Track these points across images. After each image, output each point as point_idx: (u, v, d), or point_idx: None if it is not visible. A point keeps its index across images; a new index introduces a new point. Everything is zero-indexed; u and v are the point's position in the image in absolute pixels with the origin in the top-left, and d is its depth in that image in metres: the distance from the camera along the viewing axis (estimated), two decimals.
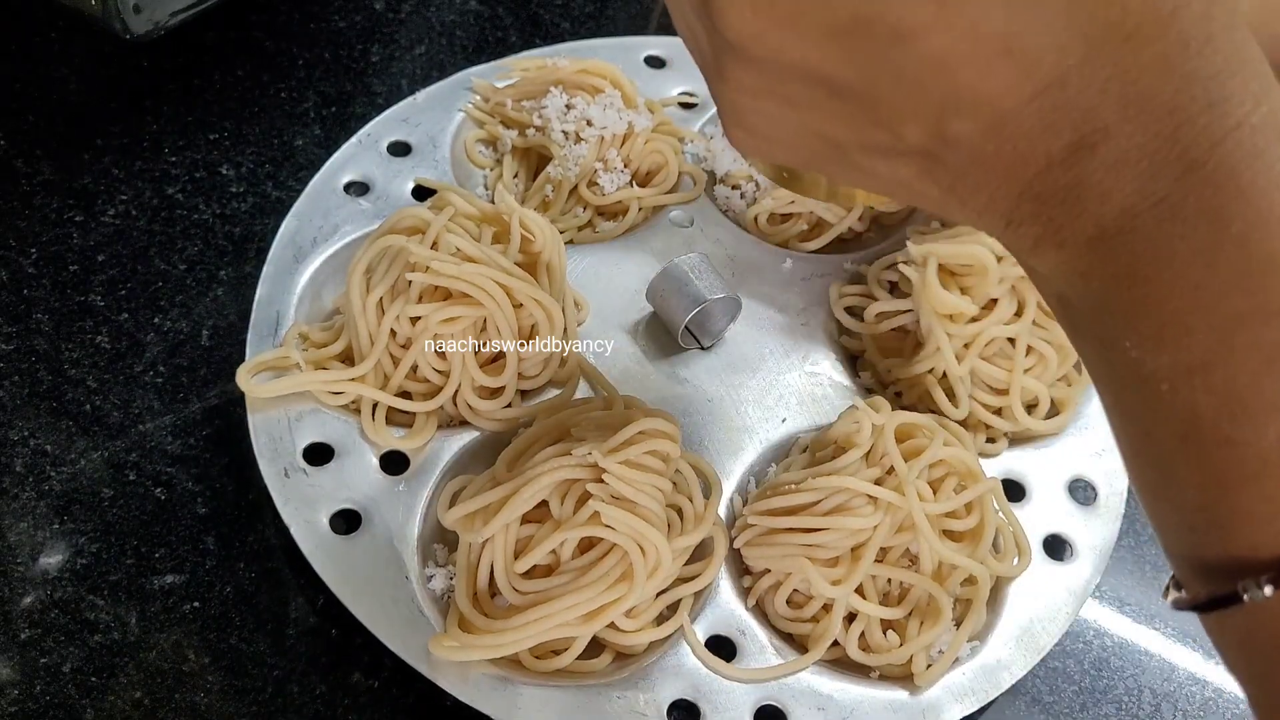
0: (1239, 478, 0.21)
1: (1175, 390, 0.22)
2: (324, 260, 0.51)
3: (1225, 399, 0.21)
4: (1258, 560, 0.21)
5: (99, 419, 0.48)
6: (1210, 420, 0.21)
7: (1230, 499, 0.22)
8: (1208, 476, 0.22)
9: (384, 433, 0.46)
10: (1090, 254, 0.22)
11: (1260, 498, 0.21)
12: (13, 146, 0.57)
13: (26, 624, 0.42)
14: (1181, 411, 0.22)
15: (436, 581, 0.42)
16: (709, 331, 0.53)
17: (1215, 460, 0.21)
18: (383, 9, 0.68)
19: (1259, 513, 0.21)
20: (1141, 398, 0.22)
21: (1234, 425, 0.21)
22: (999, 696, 0.44)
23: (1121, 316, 0.22)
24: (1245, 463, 0.21)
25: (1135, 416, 0.23)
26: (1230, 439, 0.21)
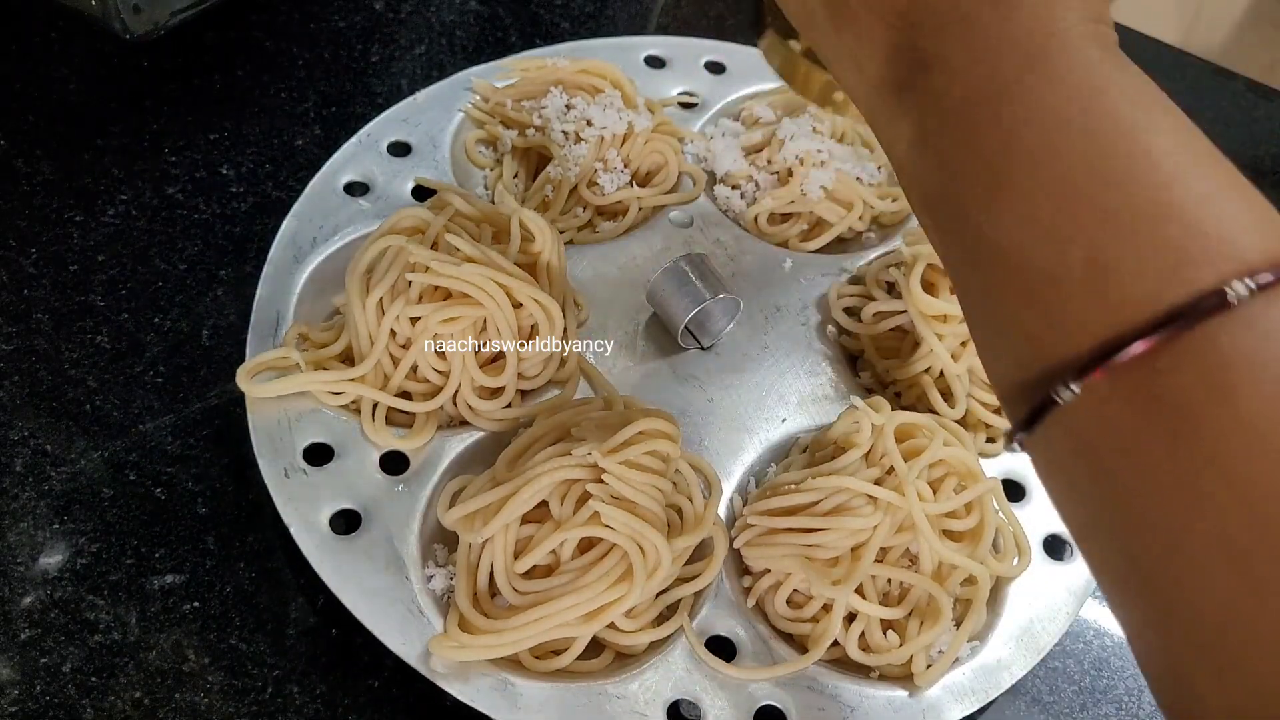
0: (1056, 299, 0.25)
1: (1005, 235, 0.25)
2: (324, 260, 0.51)
3: (1045, 236, 0.25)
4: (1068, 365, 0.25)
5: (99, 419, 0.48)
6: (1033, 256, 0.25)
7: (1047, 320, 0.25)
8: (1031, 306, 0.25)
9: (384, 433, 0.46)
10: (940, 133, 0.27)
11: (1071, 314, 0.24)
12: (13, 146, 0.57)
13: (26, 624, 0.42)
14: (1007, 252, 0.25)
15: (436, 581, 0.43)
16: (709, 332, 0.53)
17: (1037, 289, 0.25)
18: (383, 9, 0.68)
19: (1069, 328, 0.25)
20: (977, 251, 0.26)
21: (1050, 256, 0.25)
22: (999, 696, 0.44)
23: (963, 181, 0.26)
24: (1060, 286, 0.25)
25: (976, 270, 0.27)
26: (1047, 269, 0.25)
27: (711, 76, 0.64)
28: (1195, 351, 0.23)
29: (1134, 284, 0.24)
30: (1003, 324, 0.26)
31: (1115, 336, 0.24)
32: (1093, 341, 0.24)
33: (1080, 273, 0.24)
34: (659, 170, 0.58)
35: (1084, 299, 0.24)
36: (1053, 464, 0.27)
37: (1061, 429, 0.25)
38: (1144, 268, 0.24)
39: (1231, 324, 0.23)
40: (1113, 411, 0.24)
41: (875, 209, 0.58)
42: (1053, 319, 0.25)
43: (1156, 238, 0.24)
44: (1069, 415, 0.25)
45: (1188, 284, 0.23)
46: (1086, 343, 0.24)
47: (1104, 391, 0.24)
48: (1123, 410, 0.24)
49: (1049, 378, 0.25)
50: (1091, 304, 0.24)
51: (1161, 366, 0.23)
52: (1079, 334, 0.24)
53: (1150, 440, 0.23)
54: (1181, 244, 0.24)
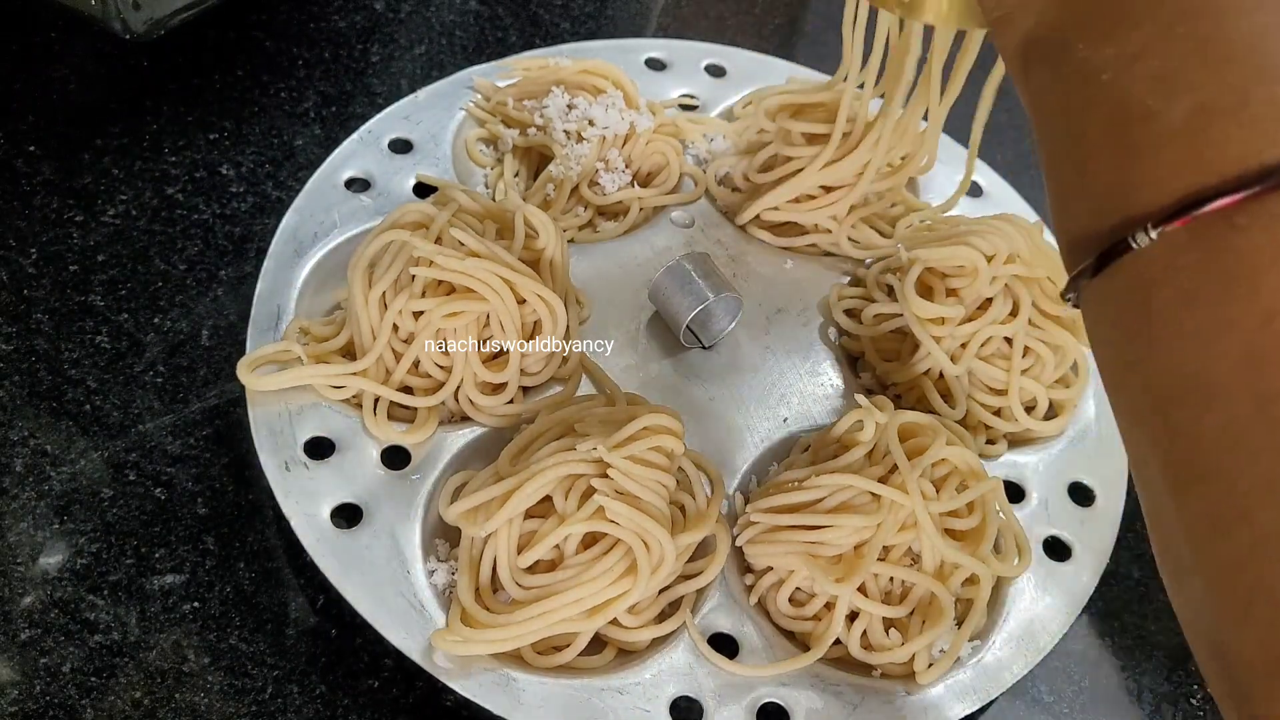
0: (1152, 145, 0.25)
1: (1115, 78, 0.26)
2: (325, 255, 0.51)
3: (1155, 80, 0.25)
4: (1148, 213, 0.25)
5: (99, 419, 0.48)
6: (1139, 98, 0.25)
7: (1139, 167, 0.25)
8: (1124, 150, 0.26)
9: (385, 427, 0.46)
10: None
11: (1163, 163, 0.25)
12: (13, 146, 0.57)
13: (26, 624, 0.42)
14: (1117, 95, 0.26)
15: (438, 576, 0.42)
16: (711, 331, 0.53)
17: (1134, 133, 0.25)
18: (383, 9, 0.68)
19: (1158, 176, 0.25)
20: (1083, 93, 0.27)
21: (1156, 99, 0.25)
22: (1000, 696, 0.44)
23: (1078, 22, 0.27)
24: (1159, 133, 0.25)
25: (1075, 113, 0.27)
26: (1150, 112, 0.25)
27: (712, 79, 0.65)
28: (1274, 212, 0.23)
29: (1234, 138, 0.24)
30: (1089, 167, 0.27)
31: (1203, 188, 0.24)
32: (1181, 190, 0.24)
33: (1183, 120, 0.24)
34: (660, 171, 0.58)
35: (1181, 147, 0.24)
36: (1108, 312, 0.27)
37: (1128, 276, 0.26)
38: (1246, 123, 0.24)
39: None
40: (1184, 261, 0.24)
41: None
42: (1144, 164, 0.25)
43: (1267, 96, 0.24)
44: (1139, 262, 0.25)
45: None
46: (1174, 191, 0.24)
47: (1181, 240, 0.24)
48: (1193, 261, 0.24)
49: (1127, 224, 0.25)
50: (1188, 153, 0.24)
51: (1239, 223, 0.23)
52: (1169, 181, 0.24)
53: (1214, 291, 0.24)
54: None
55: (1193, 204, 0.24)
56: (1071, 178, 0.27)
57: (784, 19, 0.76)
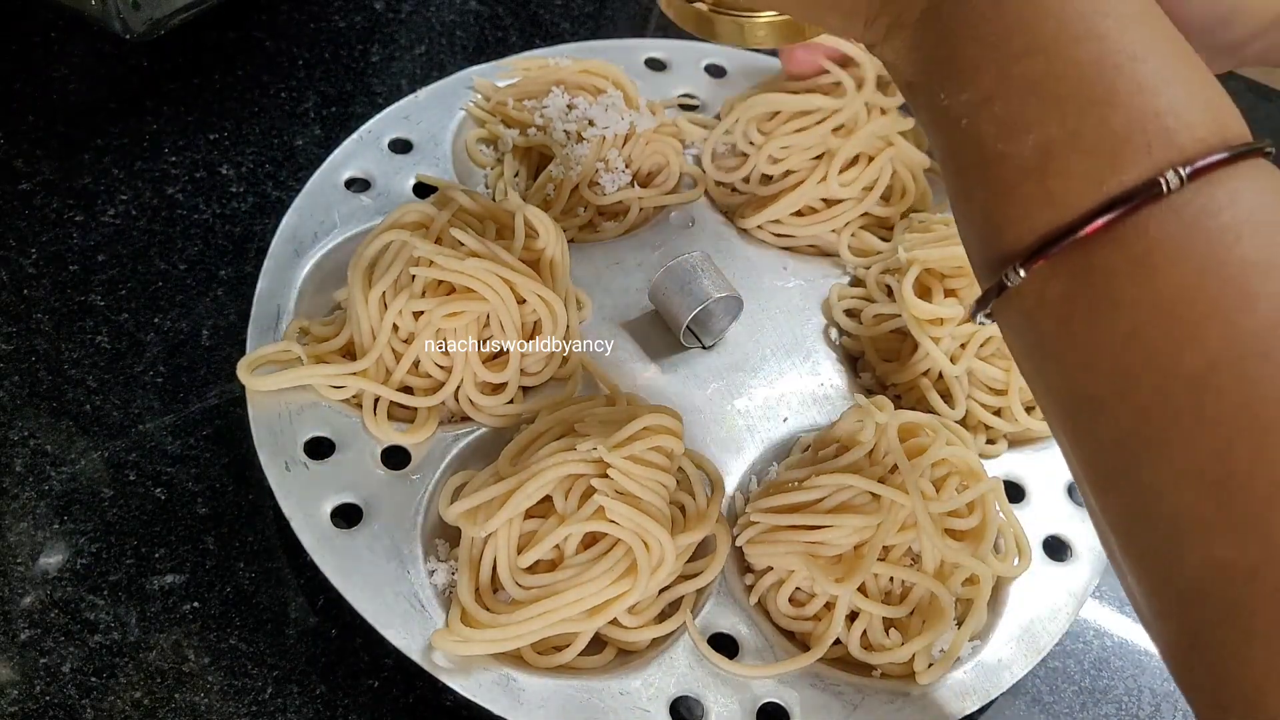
0: (1008, 186, 0.26)
1: (970, 123, 0.27)
2: (325, 255, 0.51)
3: (1000, 122, 0.26)
4: (1016, 251, 0.26)
5: (99, 419, 0.48)
6: (991, 141, 0.26)
7: (1002, 206, 0.27)
8: (989, 191, 0.27)
9: (385, 427, 0.46)
10: (921, 28, 0.29)
11: (1019, 200, 0.26)
12: (13, 146, 0.57)
13: (26, 624, 0.42)
14: (973, 139, 0.27)
15: (438, 576, 0.42)
16: (711, 331, 0.53)
17: (992, 175, 0.27)
18: (383, 9, 0.68)
19: (1017, 214, 0.26)
20: (951, 137, 0.28)
21: (1005, 142, 0.26)
22: (999, 696, 0.44)
23: (939, 72, 0.28)
24: (1012, 173, 0.26)
25: (949, 156, 0.28)
26: (1002, 154, 0.26)
27: (711, 79, 0.65)
28: (1126, 238, 0.24)
29: (1075, 171, 0.25)
30: (967, 206, 0.28)
31: (1058, 226, 0.25)
32: (1039, 229, 0.26)
33: (1031, 160, 0.26)
34: (660, 171, 0.58)
35: (1032, 186, 0.26)
36: (1010, 337, 0.29)
37: (1013, 305, 0.27)
38: (1087, 157, 0.25)
39: (1161, 211, 0.24)
40: (1052, 291, 0.26)
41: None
42: (1005, 204, 0.26)
43: (1101, 126, 0.25)
44: (1018, 296, 0.27)
45: (1126, 173, 0.24)
46: (1033, 230, 0.26)
47: (1046, 274, 0.26)
48: (1060, 289, 0.26)
49: (1001, 261, 0.27)
50: (1039, 191, 0.26)
51: (1095, 252, 0.25)
52: (1026, 220, 0.26)
53: (1082, 316, 0.25)
54: (1124, 132, 0.25)
55: (1050, 241, 0.25)
56: (960, 210, 0.29)
57: None
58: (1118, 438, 0.25)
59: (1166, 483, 0.24)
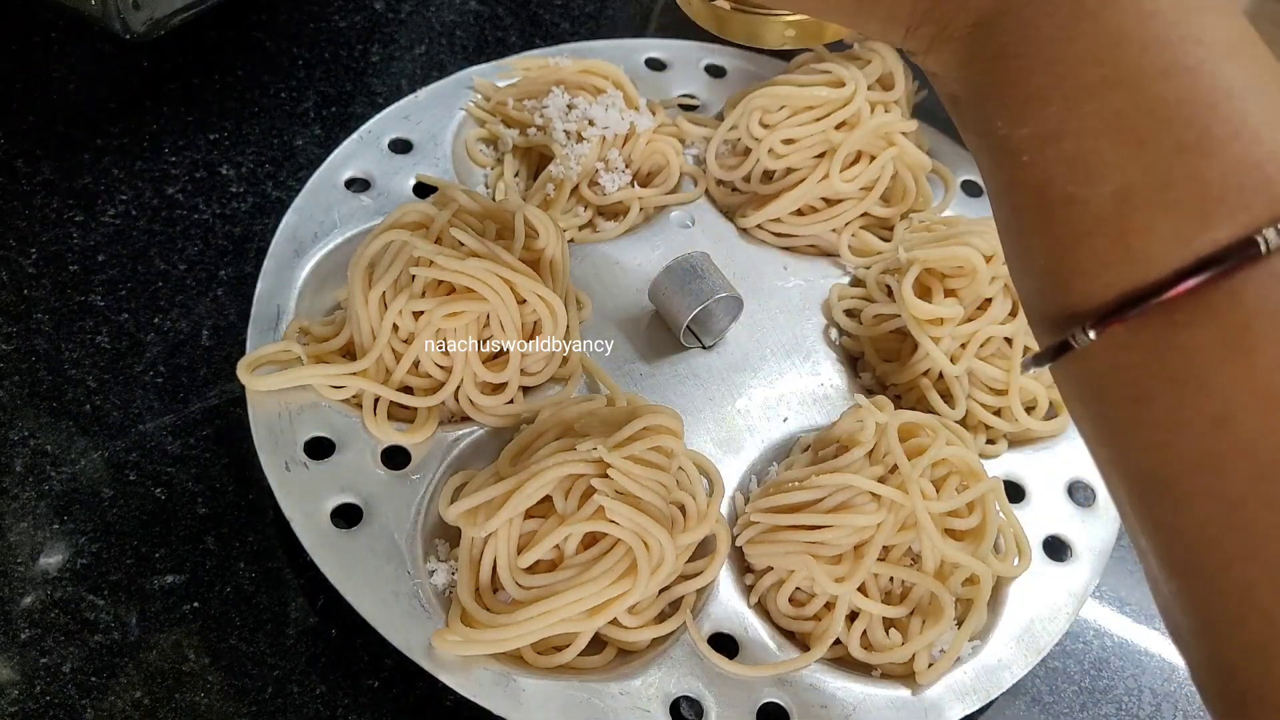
0: (1077, 235, 0.23)
1: (1033, 160, 0.24)
2: (325, 255, 0.51)
3: (1071, 162, 0.23)
4: (1086, 310, 0.23)
5: (99, 419, 0.48)
6: (1059, 183, 0.23)
7: (1070, 256, 0.24)
8: (1053, 237, 0.24)
9: (385, 427, 0.46)
10: (971, 42, 0.25)
11: (1092, 253, 0.23)
12: (13, 146, 0.57)
13: (26, 624, 0.42)
14: (1037, 178, 0.24)
15: (438, 576, 0.42)
16: (711, 331, 0.53)
17: (1059, 220, 0.24)
18: (383, 9, 0.68)
19: (1089, 267, 0.23)
20: (1008, 172, 0.25)
21: (1076, 185, 0.23)
22: (999, 696, 0.44)
23: (994, 97, 0.25)
24: (1083, 220, 0.23)
25: (1005, 193, 0.25)
26: (1072, 198, 0.23)
27: (711, 79, 0.64)
28: (1217, 305, 0.22)
29: (1161, 225, 0.22)
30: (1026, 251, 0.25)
31: (1139, 286, 0.22)
32: (1115, 287, 0.23)
33: (1108, 209, 0.23)
34: (660, 171, 0.58)
35: (1108, 237, 0.23)
36: (1071, 398, 0.26)
37: (1079, 368, 0.24)
38: (1175, 209, 0.22)
39: (1259, 276, 0.21)
40: (1127, 360, 0.23)
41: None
42: (1074, 254, 0.23)
43: (1192, 175, 0.22)
44: (1085, 358, 0.24)
45: (1220, 230, 0.22)
46: (1107, 287, 0.23)
47: (1122, 339, 0.23)
48: (1137, 360, 0.23)
49: (1068, 319, 0.24)
50: (1116, 245, 0.23)
51: (1180, 319, 0.22)
52: (1100, 275, 0.23)
53: (1162, 393, 0.22)
54: (1219, 183, 0.22)
55: (1128, 303, 0.23)
56: (1016, 252, 0.26)
57: None
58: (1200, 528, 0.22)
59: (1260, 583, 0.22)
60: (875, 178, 0.56)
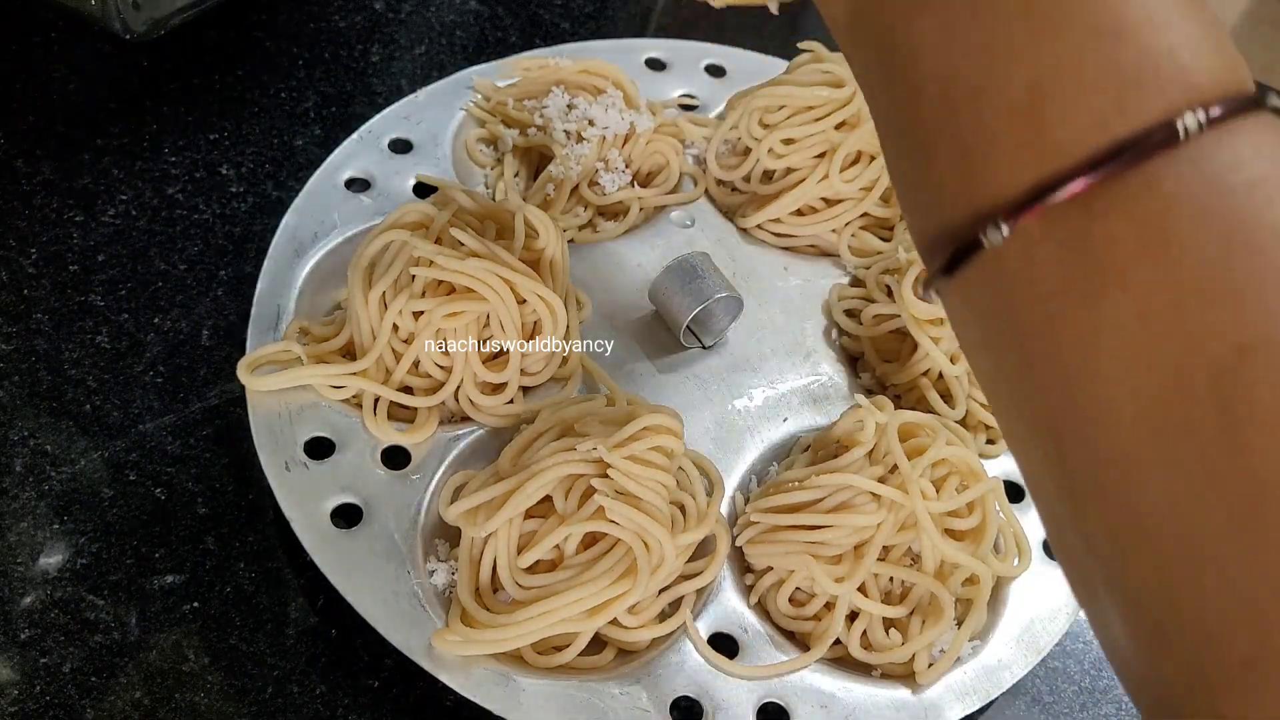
0: (988, 128, 0.22)
1: (936, 53, 0.23)
2: (325, 255, 0.51)
3: (978, 52, 0.22)
4: (997, 205, 0.22)
5: (99, 419, 0.48)
6: (966, 75, 0.22)
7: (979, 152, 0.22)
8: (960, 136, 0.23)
9: (385, 427, 0.46)
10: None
11: (1004, 145, 0.22)
12: (13, 146, 0.57)
13: (26, 624, 0.42)
14: (942, 72, 0.23)
15: (438, 576, 0.42)
16: (711, 330, 0.53)
17: (967, 117, 0.22)
18: (383, 9, 0.68)
19: (1000, 161, 0.22)
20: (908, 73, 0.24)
21: (985, 75, 0.22)
22: (999, 696, 0.44)
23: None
24: (994, 112, 0.22)
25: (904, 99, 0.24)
26: (980, 89, 0.22)
27: (711, 79, 0.65)
28: (1136, 193, 0.21)
29: (1076, 111, 0.21)
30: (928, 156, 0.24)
31: (1053, 174, 0.21)
32: (1028, 177, 0.21)
33: (1020, 97, 0.22)
34: (660, 171, 0.58)
35: (1021, 127, 0.22)
36: (970, 314, 0.24)
37: (984, 275, 0.23)
38: (1089, 93, 0.21)
39: (1177, 163, 0.20)
40: (1041, 256, 0.22)
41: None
42: (983, 150, 0.22)
43: (1105, 59, 0.21)
44: (994, 260, 0.22)
45: (1135, 114, 0.21)
46: (1020, 179, 0.22)
47: (1035, 234, 0.22)
48: (1051, 255, 0.21)
49: (976, 218, 0.22)
50: (1029, 134, 0.21)
51: (1098, 209, 0.21)
52: (1012, 167, 0.22)
53: (1077, 292, 0.21)
54: (1135, 68, 0.21)
55: (1042, 192, 0.21)
56: (911, 169, 0.24)
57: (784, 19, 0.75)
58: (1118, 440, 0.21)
59: (1181, 496, 0.20)
60: (875, 178, 0.56)
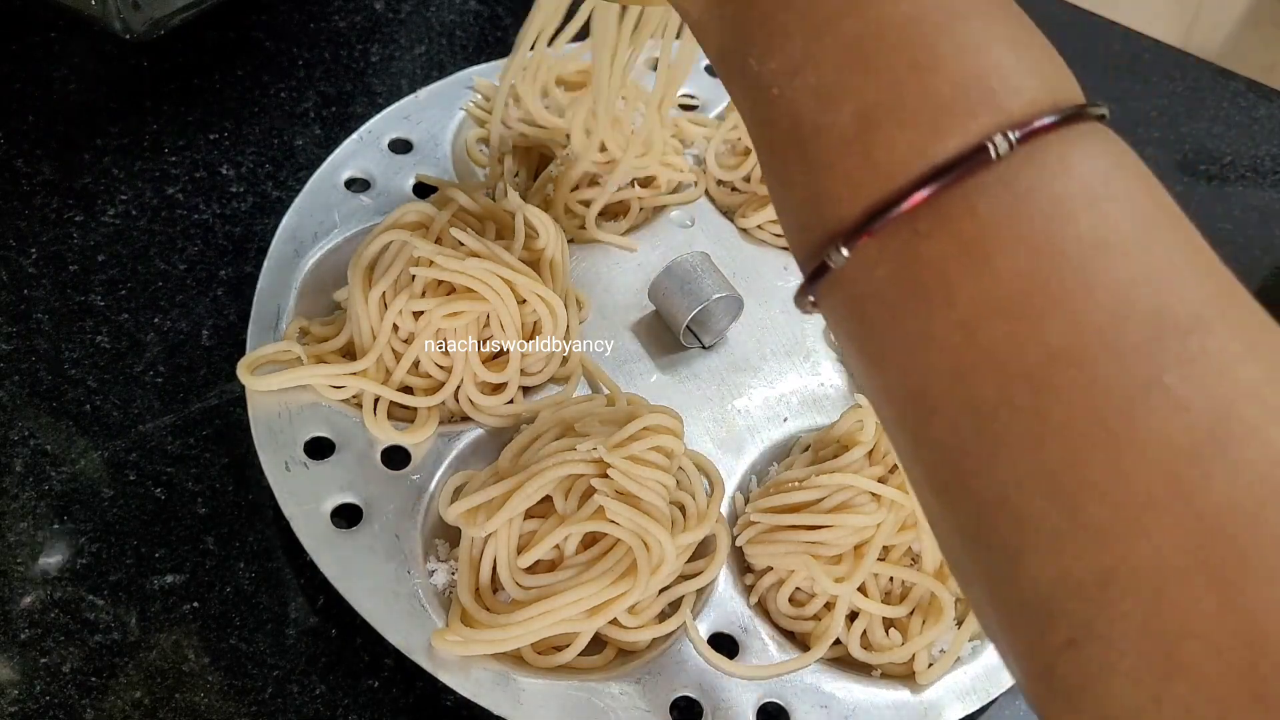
0: (828, 160, 0.24)
1: (782, 92, 0.25)
2: (325, 255, 0.51)
3: (815, 91, 0.24)
4: (839, 230, 0.24)
5: (99, 419, 0.48)
6: (807, 113, 0.24)
7: (823, 181, 0.24)
8: (807, 166, 0.25)
9: (385, 427, 0.46)
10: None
11: (841, 175, 0.24)
12: (13, 146, 0.57)
13: (26, 624, 0.42)
14: (787, 110, 0.25)
15: (438, 577, 0.42)
16: (711, 330, 0.53)
17: (811, 148, 0.24)
18: (383, 9, 0.68)
19: (839, 190, 0.24)
20: (763, 109, 0.26)
21: (821, 112, 0.24)
22: (999, 696, 0.43)
23: (746, 36, 0.26)
24: (831, 145, 0.24)
25: (762, 130, 0.26)
26: (819, 125, 0.24)
27: (712, 79, 0.64)
28: (954, 214, 0.22)
29: (898, 139, 0.23)
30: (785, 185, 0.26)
31: (881, 199, 0.23)
32: (861, 204, 0.23)
33: (850, 130, 0.23)
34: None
35: (853, 157, 0.23)
36: (836, 325, 0.26)
37: (839, 291, 0.25)
38: (909, 123, 0.23)
39: (991, 183, 0.22)
40: (879, 274, 0.23)
41: None
42: (825, 179, 0.24)
43: (923, 90, 0.23)
44: (843, 278, 0.24)
45: (950, 139, 0.22)
46: (855, 205, 0.23)
47: (872, 254, 0.23)
48: (887, 273, 0.23)
49: (824, 241, 0.24)
50: (860, 163, 0.23)
51: (922, 229, 0.23)
52: (848, 194, 0.24)
53: (910, 305, 0.23)
54: (948, 96, 0.23)
55: (873, 215, 0.23)
56: (777, 190, 0.27)
57: None
58: (955, 440, 0.23)
59: (1010, 488, 0.22)
60: None
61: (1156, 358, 0.21)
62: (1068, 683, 0.21)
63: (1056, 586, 0.21)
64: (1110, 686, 0.21)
